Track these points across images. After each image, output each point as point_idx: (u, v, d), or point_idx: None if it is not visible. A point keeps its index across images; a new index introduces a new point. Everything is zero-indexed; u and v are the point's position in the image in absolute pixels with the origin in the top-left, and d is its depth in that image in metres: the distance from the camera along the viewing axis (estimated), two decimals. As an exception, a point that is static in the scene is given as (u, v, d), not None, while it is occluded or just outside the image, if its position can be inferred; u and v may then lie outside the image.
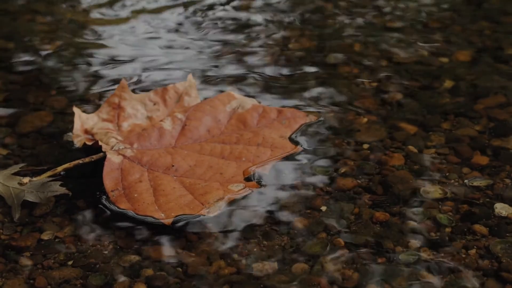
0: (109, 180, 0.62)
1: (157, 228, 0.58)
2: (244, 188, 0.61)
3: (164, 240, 0.58)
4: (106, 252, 0.57)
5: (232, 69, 0.84)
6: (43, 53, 0.90)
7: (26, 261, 0.56)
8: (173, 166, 0.64)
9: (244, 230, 0.58)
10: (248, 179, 0.63)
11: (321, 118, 0.73)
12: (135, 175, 0.63)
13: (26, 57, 0.89)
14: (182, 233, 0.58)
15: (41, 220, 0.60)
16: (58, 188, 0.62)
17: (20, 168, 0.65)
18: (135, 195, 0.61)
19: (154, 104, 0.72)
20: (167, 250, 0.57)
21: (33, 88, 0.81)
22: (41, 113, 0.76)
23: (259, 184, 0.63)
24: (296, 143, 0.68)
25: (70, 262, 0.56)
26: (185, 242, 0.57)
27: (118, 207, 0.60)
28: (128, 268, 0.55)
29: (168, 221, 0.58)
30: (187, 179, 0.63)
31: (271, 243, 0.57)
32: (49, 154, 0.68)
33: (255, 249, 0.56)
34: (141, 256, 0.56)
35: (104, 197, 0.62)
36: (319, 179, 0.64)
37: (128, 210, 0.60)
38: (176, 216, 0.58)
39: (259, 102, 0.73)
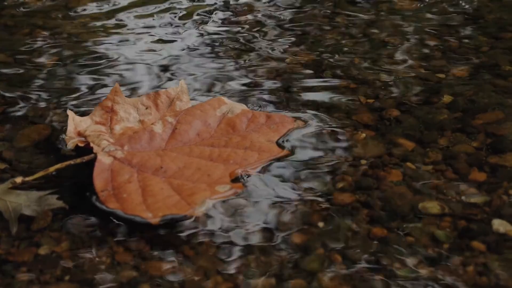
0: (99, 180, 0.63)
1: (155, 244, 0.58)
2: (230, 190, 0.63)
3: (161, 255, 0.57)
4: (103, 267, 0.56)
5: (228, 83, 0.84)
6: (42, 66, 0.90)
7: (22, 276, 0.56)
8: (162, 168, 0.65)
9: (241, 245, 0.58)
10: (234, 181, 0.64)
11: (309, 123, 0.74)
12: (125, 176, 0.64)
13: (25, 71, 0.89)
14: (179, 248, 0.58)
15: (38, 234, 0.60)
16: (55, 202, 0.62)
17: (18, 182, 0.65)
18: (124, 195, 0.62)
19: (147, 108, 0.74)
20: (164, 265, 0.56)
21: (31, 101, 0.81)
22: (39, 127, 0.76)
23: (244, 185, 0.64)
24: (283, 147, 0.69)
25: (67, 277, 0.56)
26: (182, 257, 0.57)
27: (107, 207, 0.61)
28: (126, 283, 0.55)
29: (155, 220, 0.59)
30: (175, 180, 0.64)
31: (268, 259, 0.57)
32: (46, 167, 0.68)
33: (252, 265, 0.56)
34: (138, 272, 0.56)
35: (94, 197, 0.62)
36: (316, 194, 0.64)
37: (117, 210, 0.60)
38: (164, 215, 0.59)
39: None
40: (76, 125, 0.72)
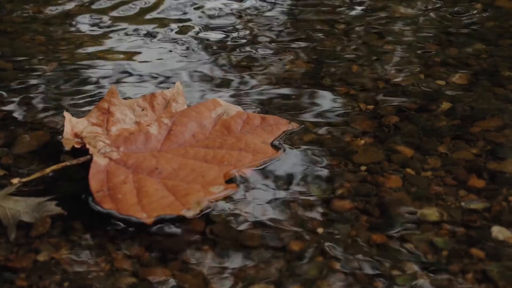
0: (94, 181, 0.64)
1: (154, 250, 0.58)
2: (224, 190, 0.63)
3: (161, 262, 0.57)
4: (102, 273, 0.56)
5: (227, 90, 0.84)
6: (41, 73, 0.90)
7: (21, 282, 0.56)
8: (157, 169, 0.66)
9: (240, 251, 0.58)
10: (229, 181, 0.65)
11: (305, 126, 0.75)
12: (120, 177, 0.64)
13: (24, 77, 0.89)
14: (178, 254, 0.58)
15: (37, 240, 0.60)
16: (53, 208, 0.62)
17: (16, 188, 0.65)
18: (119, 196, 0.62)
19: (143, 109, 0.75)
20: (163, 272, 0.56)
21: (30, 108, 0.81)
22: (38, 133, 0.76)
23: (238, 186, 0.65)
24: (278, 148, 0.70)
25: (66, 284, 0.55)
26: (181, 264, 0.57)
27: (102, 208, 0.61)
28: (124, 290, 0.55)
29: (149, 220, 0.59)
30: (170, 181, 0.64)
31: (266, 266, 0.57)
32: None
33: (251, 272, 0.56)
34: (137, 278, 0.56)
35: (90, 198, 0.63)
36: (315, 201, 0.64)
37: (112, 210, 0.61)
38: (158, 216, 0.60)
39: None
40: (73, 127, 0.72)
